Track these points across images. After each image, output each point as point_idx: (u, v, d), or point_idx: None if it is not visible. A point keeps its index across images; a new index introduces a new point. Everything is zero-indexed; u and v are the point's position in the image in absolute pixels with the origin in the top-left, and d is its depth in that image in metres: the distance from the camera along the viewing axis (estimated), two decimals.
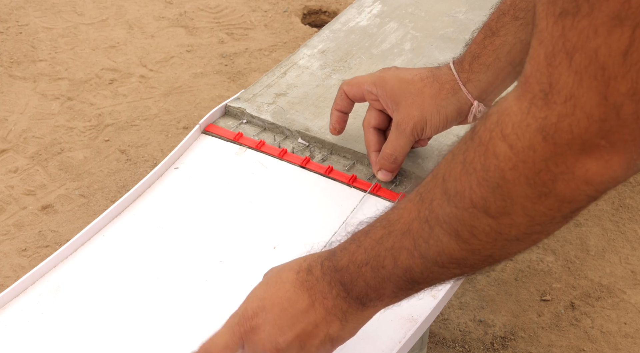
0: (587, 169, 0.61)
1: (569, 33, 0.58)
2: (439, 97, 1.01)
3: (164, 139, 1.87)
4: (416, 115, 1.01)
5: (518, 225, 0.66)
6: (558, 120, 0.60)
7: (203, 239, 1.01)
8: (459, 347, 1.45)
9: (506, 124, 0.63)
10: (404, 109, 1.02)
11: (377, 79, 1.04)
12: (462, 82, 1.01)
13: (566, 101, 0.59)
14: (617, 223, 1.69)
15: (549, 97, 0.60)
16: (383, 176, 1.06)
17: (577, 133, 0.60)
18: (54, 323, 0.91)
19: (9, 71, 2.06)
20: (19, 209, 1.69)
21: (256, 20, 2.28)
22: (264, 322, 0.79)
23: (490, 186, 0.65)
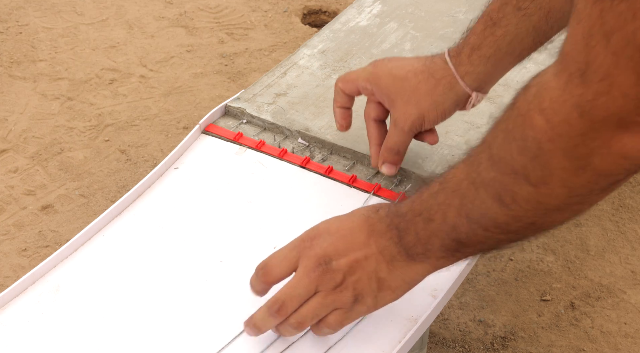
0: (624, 144, 0.63)
1: (607, 15, 0.60)
2: (436, 93, 1.00)
3: (164, 139, 1.87)
4: (413, 112, 1.00)
5: (557, 196, 0.69)
6: (594, 98, 0.62)
7: (203, 239, 1.01)
8: (459, 347, 1.45)
9: (544, 98, 0.65)
10: (400, 106, 1.01)
11: (370, 75, 1.03)
12: (460, 75, 0.99)
13: (602, 80, 0.61)
14: (617, 223, 1.69)
15: (585, 75, 0.62)
16: (387, 169, 1.05)
17: (613, 110, 0.62)
18: (54, 323, 0.91)
19: (9, 71, 2.06)
20: (19, 209, 1.69)
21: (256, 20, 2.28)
22: (323, 241, 0.83)
23: (530, 155, 0.68)
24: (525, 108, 0.68)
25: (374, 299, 0.84)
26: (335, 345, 0.88)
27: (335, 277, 0.83)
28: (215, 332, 0.90)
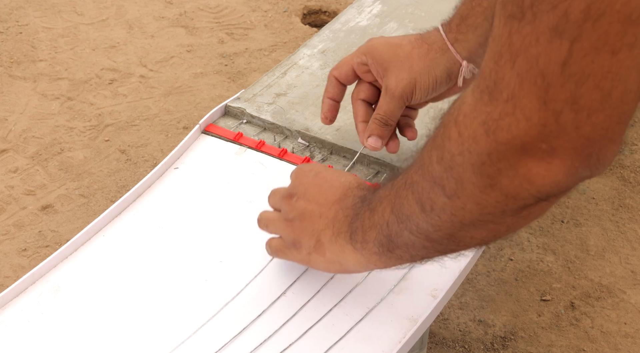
0: (529, 169, 0.63)
1: (514, 36, 0.60)
2: (428, 58, 1.00)
3: (164, 139, 1.87)
4: (405, 77, 1.00)
5: (470, 211, 0.68)
6: (500, 118, 0.62)
7: (203, 239, 1.01)
8: (459, 347, 1.45)
9: (460, 111, 0.66)
10: (393, 72, 1.00)
11: (366, 48, 1.03)
12: (450, 42, 0.99)
13: (508, 101, 0.61)
14: (617, 223, 1.69)
15: (493, 94, 0.62)
16: (373, 142, 1.03)
17: (517, 133, 0.61)
18: (54, 323, 0.91)
19: (9, 71, 2.06)
20: (19, 209, 1.69)
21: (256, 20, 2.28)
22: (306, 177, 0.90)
23: (445, 166, 0.68)
24: (447, 119, 0.68)
25: (308, 255, 0.88)
26: (335, 344, 0.88)
27: (290, 211, 0.89)
28: (215, 331, 0.90)
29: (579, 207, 1.72)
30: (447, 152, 0.67)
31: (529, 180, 0.63)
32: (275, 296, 0.93)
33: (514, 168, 0.63)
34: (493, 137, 0.63)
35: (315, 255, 0.87)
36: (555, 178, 0.63)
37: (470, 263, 0.98)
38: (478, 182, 0.66)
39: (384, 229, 0.78)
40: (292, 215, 0.89)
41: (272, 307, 0.92)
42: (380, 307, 0.92)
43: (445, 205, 0.70)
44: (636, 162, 1.84)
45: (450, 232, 0.72)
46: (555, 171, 0.62)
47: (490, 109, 0.63)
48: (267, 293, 0.94)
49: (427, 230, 0.73)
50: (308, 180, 0.89)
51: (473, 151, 0.65)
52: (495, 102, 0.62)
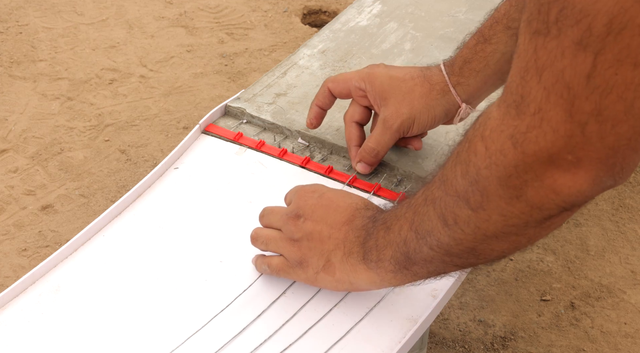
0: (555, 180, 0.65)
1: (540, 51, 0.62)
2: (430, 97, 1.02)
3: (164, 139, 1.87)
4: (405, 112, 1.02)
5: (494, 222, 0.70)
6: (527, 131, 0.64)
7: (203, 239, 1.01)
8: (459, 347, 1.45)
9: (487, 126, 0.68)
10: (392, 105, 1.03)
11: (366, 75, 1.05)
12: (452, 84, 1.02)
13: (535, 114, 0.63)
14: (617, 223, 1.69)
15: (520, 107, 0.64)
16: (362, 168, 1.07)
17: (544, 145, 0.63)
18: (54, 323, 0.91)
19: (9, 71, 2.06)
20: (19, 209, 1.69)
21: (256, 20, 2.28)
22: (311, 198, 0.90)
23: (470, 180, 0.70)
24: (472, 134, 0.70)
25: (315, 275, 0.88)
26: (335, 344, 0.88)
27: (295, 231, 0.89)
28: (215, 331, 0.90)
29: None
30: (472, 166, 0.69)
31: (555, 190, 0.65)
32: (275, 296, 0.93)
33: (540, 179, 0.65)
34: (520, 150, 0.65)
35: (323, 274, 0.88)
36: (580, 188, 0.65)
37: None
38: (504, 194, 0.68)
39: (401, 247, 0.80)
40: (298, 236, 0.89)
41: (272, 306, 0.92)
42: (380, 307, 0.92)
43: (470, 217, 0.71)
44: None
45: (472, 245, 0.74)
46: (580, 181, 0.64)
47: (517, 123, 0.65)
48: (267, 293, 0.94)
49: (448, 245, 0.75)
50: (313, 202, 0.90)
51: (500, 164, 0.67)
52: (523, 115, 0.64)
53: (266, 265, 0.93)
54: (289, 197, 0.95)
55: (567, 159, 0.64)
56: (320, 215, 0.88)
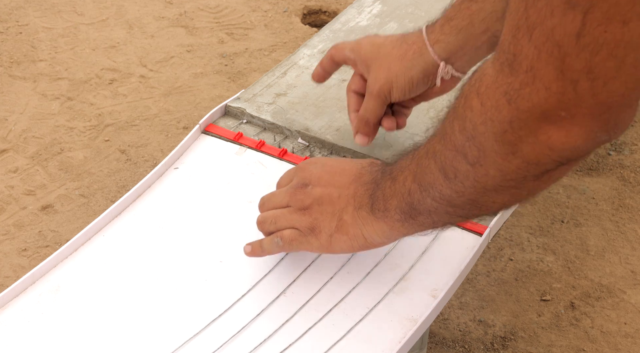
0: (549, 136, 0.66)
1: (530, 10, 0.63)
2: (405, 59, 1.02)
3: (164, 139, 1.87)
4: (382, 77, 1.02)
5: (492, 177, 0.72)
6: (520, 88, 0.65)
7: (203, 239, 1.01)
8: (459, 347, 1.45)
9: (482, 82, 0.69)
10: (373, 71, 1.03)
11: (355, 45, 1.06)
12: (431, 43, 1.01)
13: (527, 72, 0.64)
14: (617, 223, 1.69)
15: (513, 66, 0.65)
16: (360, 140, 1.07)
17: (537, 102, 0.64)
18: (54, 323, 0.91)
19: (9, 71, 2.06)
20: (19, 209, 1.69)
21: (256, 20, 2.28)
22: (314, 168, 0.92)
23: (467, 135, 0.71)
24: (468, 90, 0.71)
25: (329, 238, 0.89)
26: (335, 345, 0.88)
27: (304, 199, 0.90)
28: (215, 331, 0.90)
29: (579, 207, 1.72)
30: (469, 122, 0.70)
31: (549, 146, 0.66)
32: (275, 296, 0.93)
33: (534, 135, 0.66)
34: (515, 106, 0.66)
35: (337, 235, 0.88)
36: (574, 143, 0.66)
37: (470, 263, 0.98)
38: (500, 150, 0.69)
39: (406, 197, 0.81)
40: (308, 202, 0.90)
41: (272, 306, 0.92)
42: (380, 307, 0.92)
43: (469, 172, 0.73)
44: (636, 162, 1.84)
45: (473, 197, 0.75)
46: (574, 137, 0.65)
47: (511, 80, 0.65)
48: (267, 293, 0.94)
49: (450, 197, 0.76)
50: (317, 170, 0.91)
51: (495, 120, 0.68)
52: (516, 73, 0.65)
53: (278, 238, 0.91)
54: (286, 177, 0.95)
55: (561, 115, 0.64)
56: (327, 180, 0.90)
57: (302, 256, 0.98)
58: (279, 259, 0.98)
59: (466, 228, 1.02)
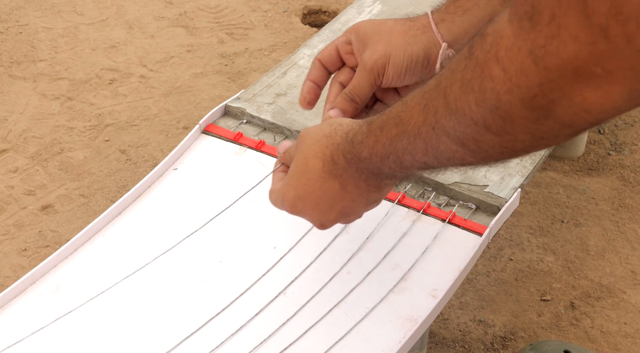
0: (585, 97, 0.58)
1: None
2: (408, 34, 0.95)
3: (164, 139, 1.87)
4: (380, 50, 0.95)
5: (522, 141, 0.66)
6: (546, 43, 0.58)
7: (203, 239, 1.01)
8: (459, 347, 1.45)
9: (500, 46, 0.61)
10: (370, 46, 0.96)
11: (353, 27, 0.98)
12: (435, 22, 0.95)
13: (550, 22, 0.57)
14: (617, 223, 1.69)
15: (534, 18, 0.58)
16: (334, 113, 0.96)
17: (567, 56, 0.57)
18: (54, 323, 0.91)
19: (9, 71, 2.06)
20: (19, 209, 1.69)
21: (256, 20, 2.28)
22: (304, 208, 0.87)
23: (488, 107, 0.64)
24: (483, 58, 0.63)
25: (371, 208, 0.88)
26: (335, 345, 0.88)
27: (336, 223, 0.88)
28: (215, 331, 0.90)
29: (579, 207, 1.72)
30: (490, 93, 0.63)
31: (586, 109, 0.59)
32: (275, 296, 0.93)
33: (568, 97, 0.59)
34: (543, 65, 0.58)
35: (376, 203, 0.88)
36: (614, 104, 0.58)
37: (470, 263, 0.98)
38: (530, 116, 0.62)
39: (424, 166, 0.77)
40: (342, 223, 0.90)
41: (272, 306, 0.92)
42: (380, 307, 0.92)
43: (494, 141, 0.67)
44: (636, 162, 1.84)
45: (500, 157, 0.70)
46: (614, 97, 0.58)
47: (534, 36, 0.58)
48: (267, 293, 0.94)
49: (473, 161, 0.72)
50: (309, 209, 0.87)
51: (523, 85, 0.60)
52: (538, 26, 0.58)
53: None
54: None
55: (596, 72, 0.56)
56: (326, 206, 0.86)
57: (302, 256, 0.98)
58: (279, 259, 0.98)
59: (466, 228, 1.02)
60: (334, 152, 0.83)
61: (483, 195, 1.05)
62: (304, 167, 0.85)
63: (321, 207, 0.86)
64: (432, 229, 1.02)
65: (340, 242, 1.00)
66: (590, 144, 1.88)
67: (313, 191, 0.85)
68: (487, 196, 1.05)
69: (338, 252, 0.98)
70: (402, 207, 1.04)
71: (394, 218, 0.99)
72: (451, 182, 1.06)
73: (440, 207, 1.05)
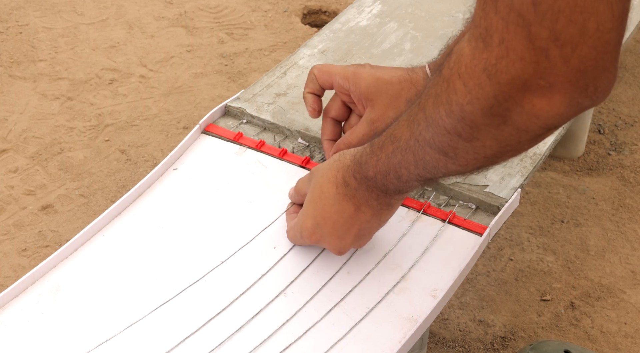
0: (534, 105, 0.67)
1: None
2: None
3: (164, 139, 1.87)
4: (392, 116, 1.02)
5: (490, 147, 0.73)
6: (497, 62, 0.66)
7: (203, 239, 1.01)
8: (459, 347, 1.45)
9: (461, 63, 0.70)
10: (379, 108, 1.03)
11: (351, 75, 1.04)
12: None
13: (500, 44, 0.65)
14: (617, 223, 1.69)
15: (486, 40, 0.66)
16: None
17: (515, 73, 0.65)
18: (54, 323, 0.91)
19: (9, 71, 2.06)
20: (19, 209, 1.69)
21: (256, 20, 2.28)
22: (322, 235, 0.93)
23: (456, 117, 0.72)
24: (448, 74, 0.71)
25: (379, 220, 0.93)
26: (335, 345, 0.88)
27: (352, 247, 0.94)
28: (215, 331, 0.90)
29: (579, 207, 1.72)
30: (455, 105, 0.71)
31: (535, 114, 0.68)
32: (275, 296, 0.93)
33: (520, 105, 0.67)
34: (495, 80, 0.67)
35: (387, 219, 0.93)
36: (558, 110, 0.67)
37: (470, 263, 0.98)
38: (491, 123, 0.70)
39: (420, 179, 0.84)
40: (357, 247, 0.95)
41: (272, 306, 0.92)
42: (380, 307, 0.92)
43: (467, 147, 0.74)
44: (636, 162, 1.84)
45: (478, 165, 0.77)
46: (557, 104, 0.67)
47: (486, 55, 0.66)
48: (267, 293, 0.94)
49: (457, 170, 0.79)
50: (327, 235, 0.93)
51: (481, 97, 0.69)
52: (490, 47, 0.66)
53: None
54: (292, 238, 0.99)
55: (540, 84, 0.65)
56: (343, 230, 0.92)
57: (302, 256, 0.98)
58: (279, 259, 0.98)
59: (466, 228, 1.02)
60: (345, 174, 0.90)
61: (483, 195, 1.05)
62: (319, 193, 0.92)
63: (339, 232, 0.91)
64: (432, 229, 1.02)
65: None
66: (590, 143, 1.88)
67: (330, 216, 0.91)
68: (487, 196, 1.05)
69: None
70: (402, 207, 1.04)
71: (393, 219, 0.99)
72: (451, 182, 1.06)
73: (440, 207, 1.05)
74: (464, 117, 0.71)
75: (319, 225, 0.92)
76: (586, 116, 1.79)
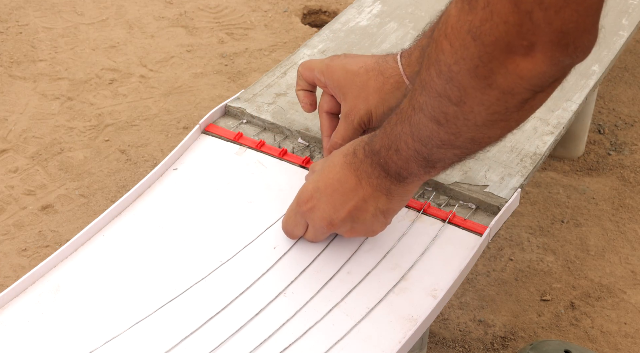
0: (517, 65, 0.70)
1: None
2: (383, 91, 1.03)
3: (164, 139, 1.87)
4: (362, 107, 1.03)
5: (478, 112, 0.75)
6: (481, 24, 0.69)
7: (203, 239, 1.01)
8: (459, 347, 1.45)
9: (447, 24, 0.72)
10: (350, 100, 1.04)
11: (325, 68, 1.05)
12: (407, 75, 1.02)
13: (485, 7, 0.68)
14: (617, 223, 1.69)
15: (472, 3, 0.69)
16: None
17: (499, 35, 0.68)
18: (54, 323, 0.91)
19: (9, 71, 2.06)
20: (19, 209, 1.69)
21: (256, 20, 2.28)
22: (318, 201, 0.93)
23: (445, 77, 0.74)
24: (437, 34, 0.74)
25: (383, 225, 0.95)
26: (335, 345, 0.88)
27: (342, 228, 0.94)
28: (215, 331, 0.90)
29: (579, 207, 1.72)
30: (443, 64, 0.74)
31: (519, 75, 0.70)
32: (275, 296, 0.93)
33: (504, 66, 0.70)
34: (480, 42, 0.70)
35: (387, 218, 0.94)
36: (540, 69, 0.70)
37: (470, 263, 0.98)
38: (477, 85, 0.72)
39: (418, 157, 0.84)
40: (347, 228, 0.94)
41: (272, 306, 0.92)
42: (380, 307, 0.92)
43: (457, 112, 0.76)
44: (636, 162, 1.84)
45: (469, 135, 0.78)
46: (539, 63, 0.69)
47: (471, 18, 0.69)
48: (267, 293, 0.94)
49: (449, 140, 0.80)
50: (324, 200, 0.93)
51: (466, 57, 0.71)
52: (474, 10, 0.69)
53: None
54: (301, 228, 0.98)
55: (523, 44, 0.68)
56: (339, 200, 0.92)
57: (302, 256, 0.98)
58: (278, 259, 0.98)
59: (466, 228, 1.02)
60: (357, 146, 0.91)
61: (483, 195, 1.05)
62: (329, 162, 0.93)
63: (336, 202, 0.91)
64: (432, 229, 1.02)
65: (340, 242, 1.00)
66: (590, 143, 1.88)
67: (332, 183, 0.91)
68: (487, 196, 1.05)
69: (338, 252, 0.98)
70: None
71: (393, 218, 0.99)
72: (451, 182, 1.06)
73: (440, 207, 1.05)
74: (452, 77, 0.73)
75: (318, 190, 0.92)
76: (586, 116, 1.79)
